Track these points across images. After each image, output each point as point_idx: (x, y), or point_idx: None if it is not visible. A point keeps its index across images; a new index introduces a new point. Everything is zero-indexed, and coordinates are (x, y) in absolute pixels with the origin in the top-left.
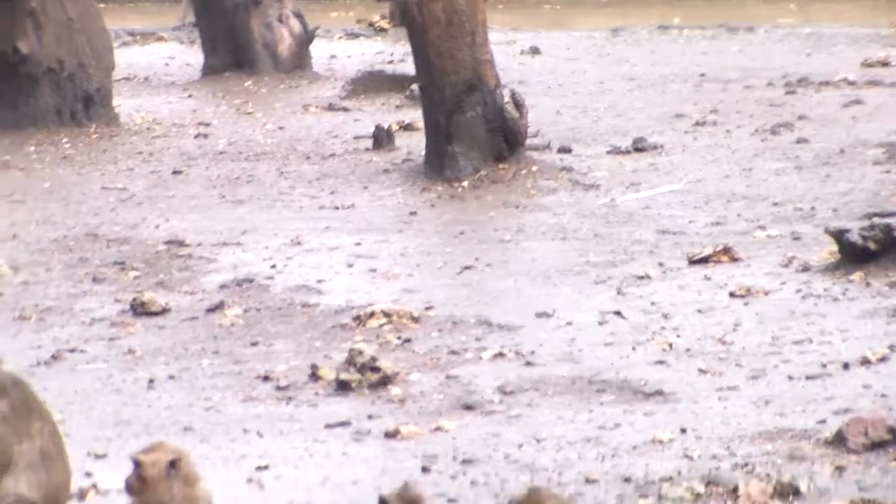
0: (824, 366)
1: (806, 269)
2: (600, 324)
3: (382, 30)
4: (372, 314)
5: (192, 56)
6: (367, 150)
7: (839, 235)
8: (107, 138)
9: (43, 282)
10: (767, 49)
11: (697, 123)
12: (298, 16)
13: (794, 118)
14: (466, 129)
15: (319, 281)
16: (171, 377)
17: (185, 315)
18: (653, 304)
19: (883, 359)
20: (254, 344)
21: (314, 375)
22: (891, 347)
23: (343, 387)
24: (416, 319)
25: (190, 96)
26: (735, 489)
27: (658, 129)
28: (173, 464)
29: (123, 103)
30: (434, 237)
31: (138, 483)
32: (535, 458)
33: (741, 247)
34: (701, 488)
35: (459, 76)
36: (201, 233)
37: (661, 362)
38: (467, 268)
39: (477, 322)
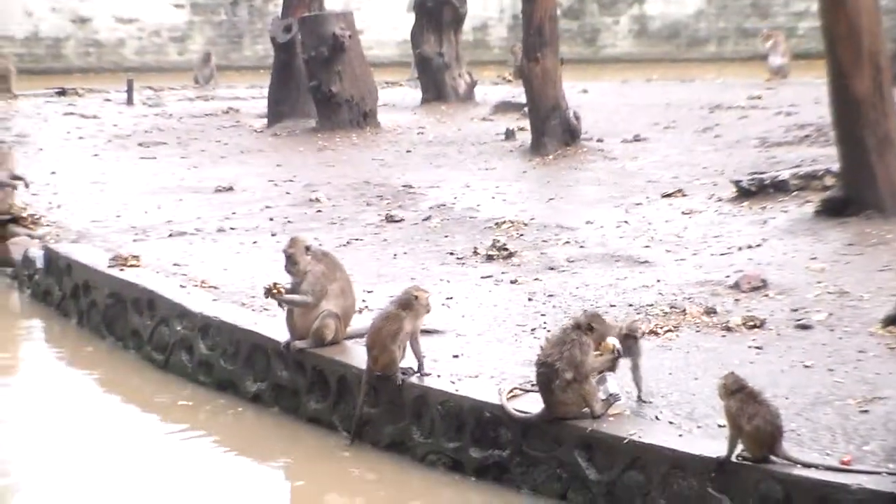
0: (729, 249)
1: (720, 200)
2: (617, 227)
3: (509, 80)
4: (504, 222)
5: (416, 94)
6: (502, 140)
7: (737, 183)
8: (374, 134)
9: (341, 205)
10: (701, 90)
11: (666, 127)
12: (469, 73)
13: (713, 125)
14: (551, 130)
15: (478, 205)
16: (405, 253)
17: (412, 222)
18: (643, 217)
19: (758, 245)
20: (446, 237)
21: (475, 252)
22: (763, 240)
23: (490, 258)
24: (526, 224)
25: (414, 114)
26: (684, 310)
27: (645, 130)
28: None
29: (382, 117)
30: (535, 184)
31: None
32: (584, 294)
33: (688, 189)
34: (667, 309)
35: (548, 103)
36: (420, 182)
37: (647, 247)
38: (552, 199)
39: (556, 226)
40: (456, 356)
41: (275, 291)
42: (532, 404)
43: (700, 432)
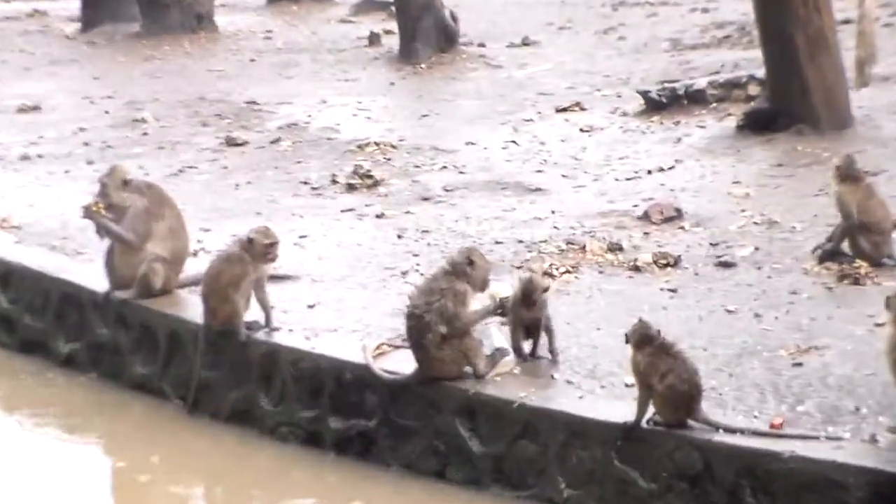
0: (636, 172)
1: (625, 114)
2: (503, 148)
3: None
4: (368, 144)
5: None
6: (364, 46)
7: (644, 94)
8: (210, 41)
9: (172, 126)
10: None
11: (560, 28)
12: None
13: (616, 24)
14: (423, 33)
15: (337, 124)
16: (249, 182)
17: (257, 145)
18: (534, 136)
19: (671, 168)
20: (298, 162)
21: (334, 181)
22: (676, 161)
23: (351, 188)
24: (394, 147)
25: (259, 15)
26: (584, 247)
27: (536, 32)
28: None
29: (220, 20)
30: (405, 98)
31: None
32: (465, 230)
33: (587, 101)
34: (564, 246)
35: (419, 0)
36: (267, 97)
37: (539, 171)
38: (425, 115)
39: (431, 148)
40: (311, 306)
41: (95, 209)
42: (404, 363)
43: (604, 393)
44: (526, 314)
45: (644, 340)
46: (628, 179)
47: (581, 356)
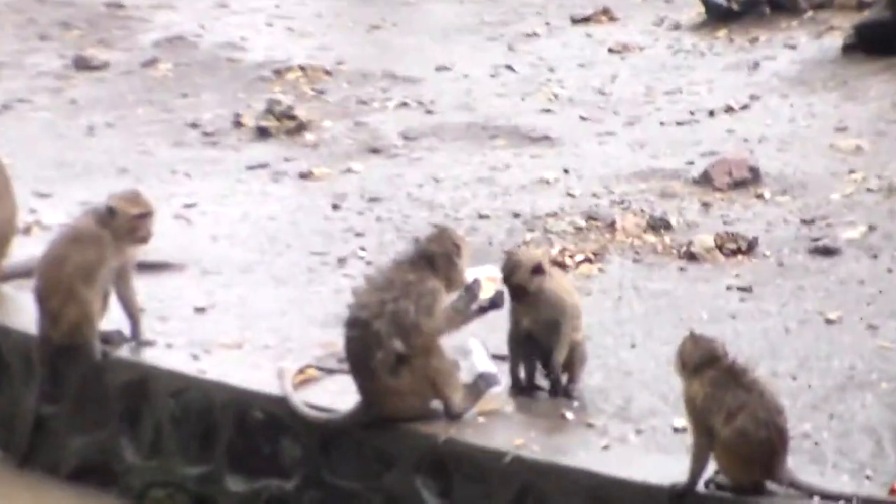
0: (692, 113)
1: (676, 27)
2: (493, 76)
3: None
4: (289, 68)
5: None
6: None
7: None
8: None
9: None
10: None
11: None
12: None
13: None
14: None
15: (243, 38)
16: (109, 124)
17: (122, 69)
18: (540, 59)
19: (745, 107)
20: (184, 95)
21: (237, 123)
22: (752, 97)
23: (263, 133)
24: (328, 73)
25: None
26: (612, 223)
27: None
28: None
29: None
30: (346, 0)
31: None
32: (434, 197)
33: (618, 7)
34: (582, 222)
35: None
36: None
37: (546, 111)
38: (375, 27)
39: (383, 75)
40: (201, 309)
41: None
42: (340, 396)
43: (641, 441)
44: (526, 319)
45: (703, 363)
46: (680, 124)
47: (607, 386)
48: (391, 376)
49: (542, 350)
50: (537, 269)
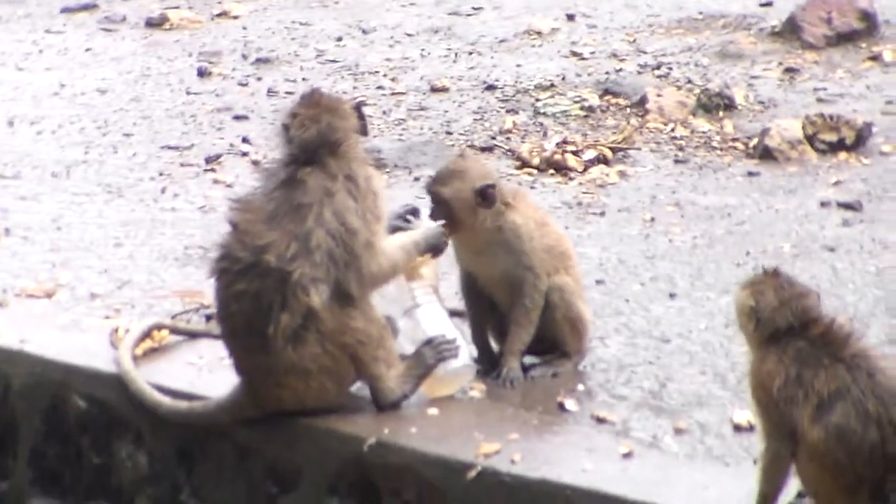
0: None
1: None
2: None
3: None
4: None
5: None
6: None
7: None
8: None
9: None
10: None
11: None
12: None
13: None
14: None
15: None
16: None
17: None
18: None
19: None
20: None
21: None
22: None
23: None
24: None
25: None
26: (642, 101)
27: None
28: None
29: None
30: None
31: None
32: (360, 56)
33: None
34: (594, 99)
35: None
36: None
37: None
38: None
39: None
40: None
41: None
42: (208, 373)
43: (681, 445)
44: (473, 266)
45: (785, 326)
46: None
47: (630, 360)
48: (293, 345)
49: (500, 316)
50: (483, 193)
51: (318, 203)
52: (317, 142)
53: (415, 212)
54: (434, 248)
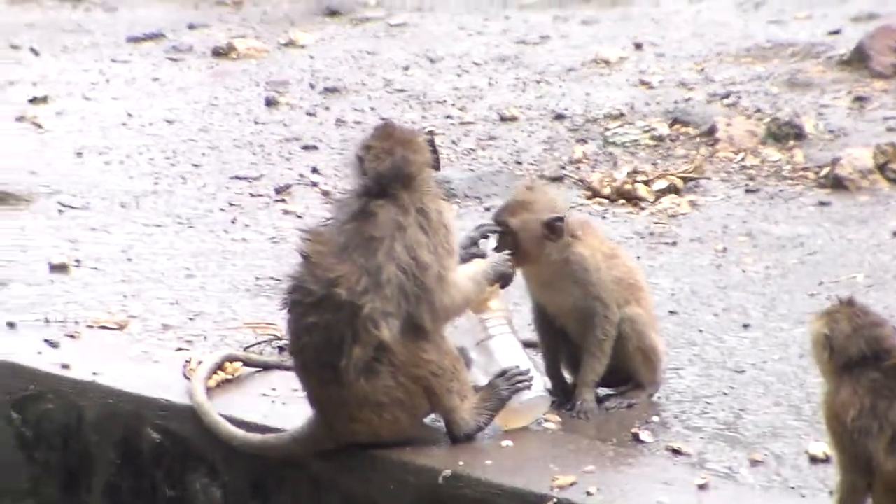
0: None
1: None
2: None
3: None
4: None
5: None
6: None
7: None
8: None
9: None
10: None
11: None
12: None
13: None
14: None
15: None
16: None
17: None
18: None
19: None
20: None
21: None
22: None
23: None
24: None
25: None
26: (712, 130)
27: None
28: None
29: None
30: None
31: None
32: (427, 86)
33: None
34: (663, 128)
35: None
36: None
37: None
38: None
39: None
40: (60, 267)
41: None
42: (281, 405)
43: (757, 477)
44: (544, 297)
45: (860, 356)
46: None
47: (705, 391)
48: (366, 378)
49: (573, 348)
50: (551, 226)
51: (390, 237)
52: (390, 174)
53: (486, 234)
54: (502, 278)
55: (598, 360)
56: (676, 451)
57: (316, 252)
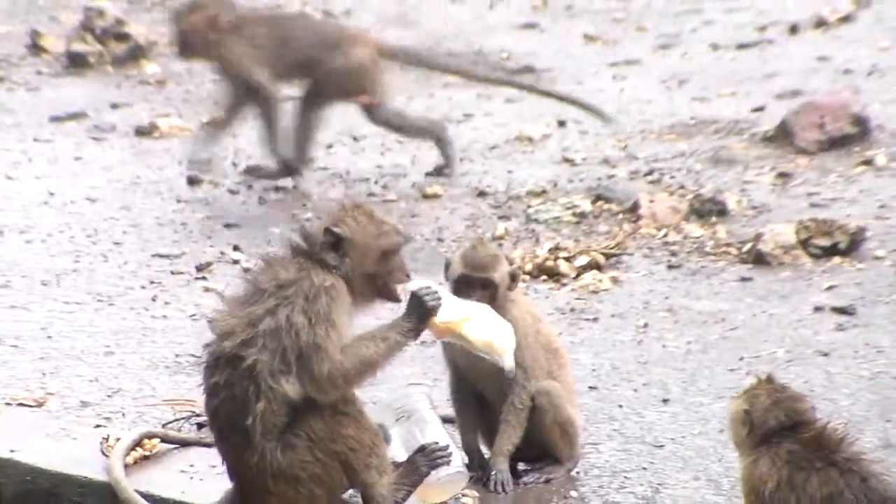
0: (762, 29)
1: None
2: None
3: None
4: None
5: None
6: None
7: None
8: None
9: None
10: None
11: None
12: None
13: None
14: None
15: None
16: None
17: None
18: None
19: (846, 18)
20: None
21: (34, 46)
22: (858, 1)
23: (76, 61)
24: None
25: None
26: (634, 207)
27: None
28: None
29: None
30: None
31: None
32: (351, 163)
33: None
34: (586, 205)
35: None
36: None
37: (529, 25)
38: None
39: None
40: None
41: None
42: (200, 482)
43: None
44: (462, 360)
45: (777, 430)
46: (742, 47)
47: (624, 466)
48: (279, 450)
49: (491, 421)
50: (514, 277)
51: (271, 294)
52: (320, 241)
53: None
54: (424, 315)
55: (514, 429)
56: None
57: (217, 311)
